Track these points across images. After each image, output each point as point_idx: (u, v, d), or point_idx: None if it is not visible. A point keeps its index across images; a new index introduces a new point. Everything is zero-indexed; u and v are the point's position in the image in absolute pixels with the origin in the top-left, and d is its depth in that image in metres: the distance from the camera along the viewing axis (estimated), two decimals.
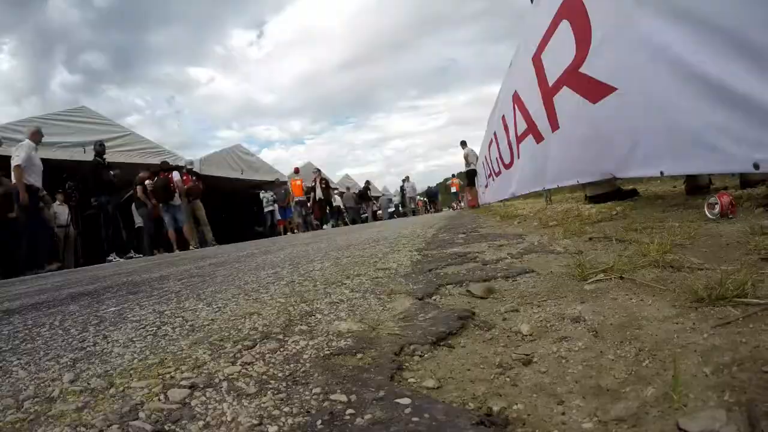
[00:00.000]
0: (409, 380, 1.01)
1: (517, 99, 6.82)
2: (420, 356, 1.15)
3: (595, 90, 3.64)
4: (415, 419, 0.80)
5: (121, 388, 1.12)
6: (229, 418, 0.89)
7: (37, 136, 10.45)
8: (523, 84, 6.31)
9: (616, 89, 3.34)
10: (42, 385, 1.23)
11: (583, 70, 3.83)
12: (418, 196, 35.81)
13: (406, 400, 0.87)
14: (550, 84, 4.83)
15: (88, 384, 1.19)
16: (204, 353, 1.33)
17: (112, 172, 12.55)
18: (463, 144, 18.60)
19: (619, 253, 1.85)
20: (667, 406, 0.74)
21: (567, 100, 4.41)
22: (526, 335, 1.18)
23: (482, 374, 0.99)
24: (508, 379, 0.94)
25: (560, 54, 4.37)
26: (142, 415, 0.94)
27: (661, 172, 2.99)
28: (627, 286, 1.46)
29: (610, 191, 4.95)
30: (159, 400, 1.01)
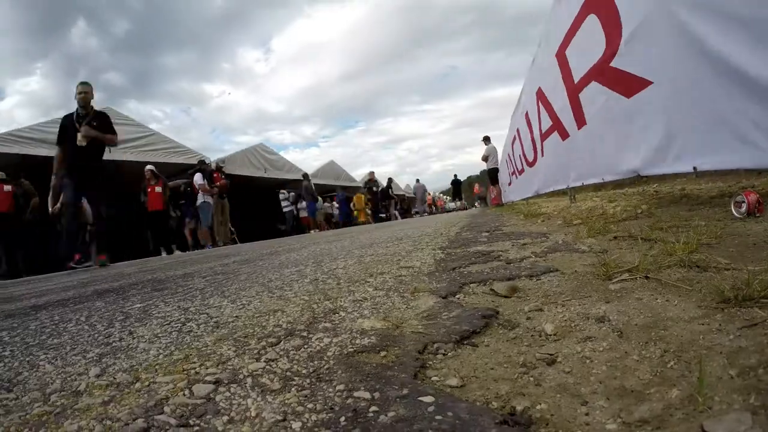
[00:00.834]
0: (432, 378, 1.01)
1: (540, 96, 6.74)
2: (443, 355, 1.15)
3: (628, 84, 3.57)
4: (438, 417, 0.80)
5: (147, 383, 1.13)
6: (253, 414, 0.89)
7: None
8: (546, 80, 6.24)
9: (651, 83, 3.28)
10: (68, 379, 1.25)
11: (614, 64, 3.76)
12: (441, 194, 35.65)
13: (429, 399, 0.87)
14: (576, 80, 4.76)
15: (114, 378, 1.20)
16: (228, 349, 1.34)
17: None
18: (487, 140, 18.11)
19: (645, 252, 1.82)
20: (692, 408, 0.73)
21: (595, 95, 4.34)
22: (550, 335, 1.17)
23: (506, 373, 0.98)
24: (531, 379, 0.94)
25: (587, 49, 4.30)
26: (167, 409, 0.95)
27: (695, 168, 2.94)
28: (652, 286, 1.44)
29: None
30: (184, 395, 1.02)
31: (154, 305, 2.35)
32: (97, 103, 9.35)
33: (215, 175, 15.30)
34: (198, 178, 14.35)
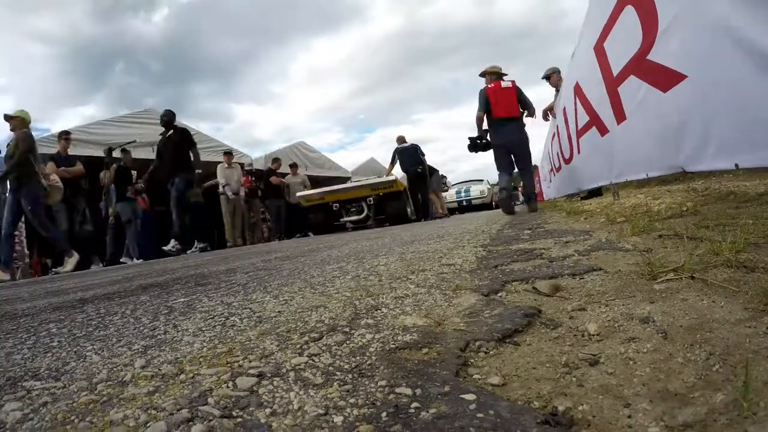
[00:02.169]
0: (474, 376, 1.01)
1: (578, 90, 6.63)
2: (485, 353, 1.15)
3: (665, 78, 3.49)
4: (479, 415, 0.80)
5: (191, 375, 1.15)
6: (295, 407, 0.91)
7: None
8: (584, 74, 6.14)
9: (686, 76, 3.21)
10: (114, 369, 1.28)
11: (651, 57, 3.68)
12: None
13: (471, 396, 0.87)
14: (615, 73, 4.66)
15: (159, 370, 1.23)
16: (271, 344, 1.36)
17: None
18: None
19: (690, 251, 1.79)
20: (736, 413, 0.72)
21: (634, 89, 4.25)
22: (593, 335, 1.16)
23: (548, 373, 0.98)
24: (574, 379, 0.93)
25: (625, 41, 4.21)
26: (210, 400, 0.97)
27: (736, 165, 2.88)
28: (698, 287, 1.42)
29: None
30: (227, 387, 1.04)
31: (197, 300, 2.39)
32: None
33: (244, 178, 15.59)
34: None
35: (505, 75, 9.15)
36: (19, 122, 8.82)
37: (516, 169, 9.13)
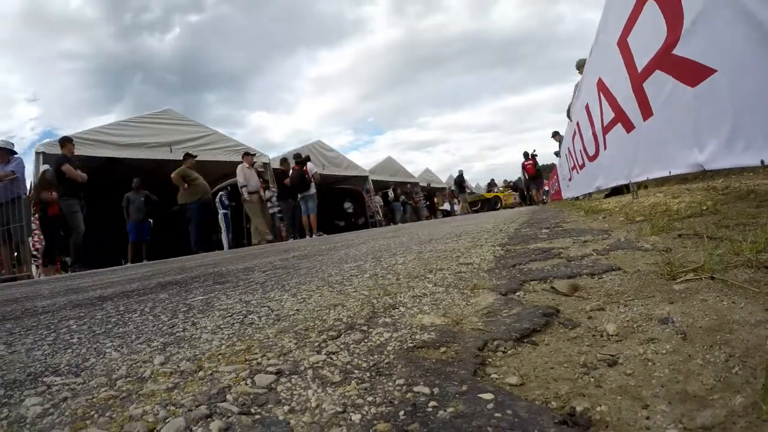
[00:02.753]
0: (491, 376, 1.00)
1: (601, 86, 6.49)
2: (503, 352, 1.15)
3: (692, 73, 3.41)
4: (497, 415, 0.80)
5: (210, 372, 1.16)
6: (313, 405, 0.91)
7: None
8: (608, 70, 6.01)
9: (715, 71, 3.15)
10: (134, 366, 1.30)
11: (677, 51, 3.60)
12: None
13: (488, 396, 0.87)
14: (640, 69, 4.57)
15: (178, 366, 1.24)
16: (289, 341, 1.36)
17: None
18: (556, 135, 17.84)
19: (710, 251, 1.76)
20: (755, 416, 0.72)
21: (660, 84, 4.16)
22: (611, 335, 1.15)
23: (566, 373, 0.98)
24: (592, 380, 0.93)
25: (649, 35, 4.14)
26: (229, 397, 0.98)
27: (762, 161, 2.84)
28: (718, 287, 1.40)
29: None
30: (246, 384, 1.05)
31: (216, 298, 2.41)
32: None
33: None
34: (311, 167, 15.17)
35: None
36: None
37: None
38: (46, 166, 11.53)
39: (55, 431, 0.90)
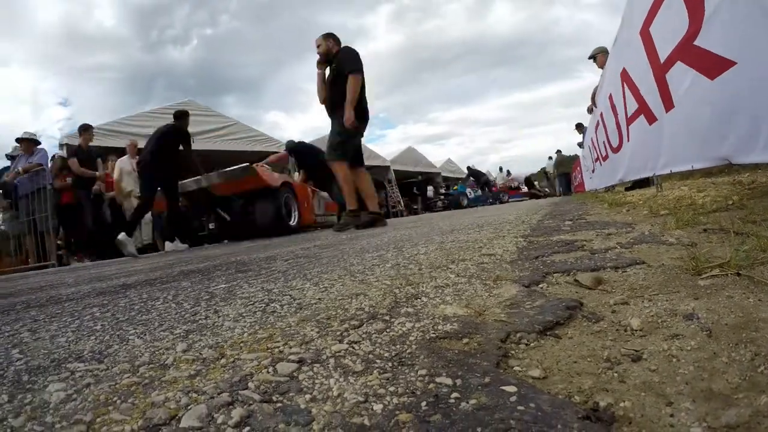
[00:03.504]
0: (514, 368, 1.00)
1: (625, 76, 6.41)
2: (526, 345, 1.14)
3: (712, 64, 3.37)
4: (520, 408, 0.80)
5: (232, 360, 1.17)
6: (335, 394, 0.91)
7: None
8: (631, 60, 5.96)
9: (735, 63, 3.10)
10: (156, 353, 1.31)
11: (698, 42, 3.55)
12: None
13: (511, 388, 0.87)
14: (662, 59, 4.51)
15: (200, 354, 1.25)
16: (311, 330, 1.37)
17: None
18: (580, 127, 17.74)
19: (736, 246, 1.74)
20: None
21: (681, 76, 4.10)
22: (635, 330, 1.14)
23: (589, 367, 0.97)
24: (615, 375, 0.92)
25: (671, 25, 4.08)
26: (251, 385, 0.98)
27: None
28: (744, 284, 1.38)
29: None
30: (268, 372, 1.06)
31: (238, 286, 2.42)
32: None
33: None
34: None
35: None
36: None
37: None
38: (60, 153, 11.65)
39: (78, 416, 0.91)
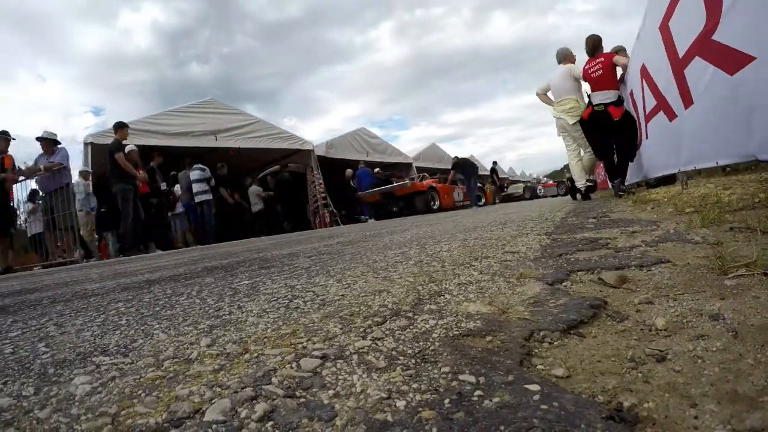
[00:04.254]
0: (537, 367, 1.00)
1: (644, 72, 6.35)
2: (549, 343, 1.14)
3: (731, 60, 3.33)
4: (543, 407, 0.79)
5: (255, 355, 1.18)
6: (358, 390, 0.92)
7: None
8: (650, 55, 5.89)
9: (754, 58, 3.05)
10: (181, 347, 1.33)
11: (716, 37, 3.51)
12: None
13: (535, 387, 0.87)
14: (681, 54, 4.47)
15: (224, 349, 1.26)
16: (335, 326, 1.38)
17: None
18: None
19: (763, 246, 1.72)
20: None
21: (700, 71, 4.05)
22: (660, 330, 1.13)
23: (613, 367, 0.96)
24: (640, 375, 0.91)
25: (689, 20, 4.04)
26: (274, 380, 1.00)
27: None
28: None
29: None
30: (291, 367, 1.07)
31: (261, 282, 2.44)
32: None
33: None
34: None
35: None
36: None
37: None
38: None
39: (103, 409, 0.92)
